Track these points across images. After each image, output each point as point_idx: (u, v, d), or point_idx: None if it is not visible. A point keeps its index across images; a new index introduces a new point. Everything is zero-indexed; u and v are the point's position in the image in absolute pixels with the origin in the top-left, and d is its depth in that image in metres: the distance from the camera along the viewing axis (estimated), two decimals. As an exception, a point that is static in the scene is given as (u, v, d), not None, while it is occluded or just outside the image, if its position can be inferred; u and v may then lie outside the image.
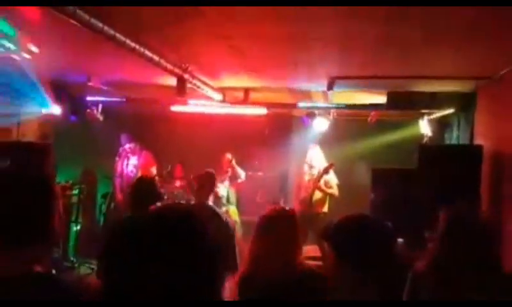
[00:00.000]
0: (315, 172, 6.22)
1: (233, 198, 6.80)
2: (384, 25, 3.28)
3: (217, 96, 6.19)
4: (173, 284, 0.96)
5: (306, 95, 6.24)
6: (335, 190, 6.14)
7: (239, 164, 6.79)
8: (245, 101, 6.34)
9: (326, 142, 6.54)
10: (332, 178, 6.19)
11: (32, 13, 3.17)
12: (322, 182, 6.05)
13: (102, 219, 7.50)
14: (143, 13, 3.26)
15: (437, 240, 2.19)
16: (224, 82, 5.86)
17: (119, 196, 6.98)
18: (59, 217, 1.41)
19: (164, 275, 0.95)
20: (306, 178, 6.26)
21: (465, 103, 5.47)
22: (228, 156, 6.68)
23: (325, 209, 6.07)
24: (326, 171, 5.98)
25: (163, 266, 0.95)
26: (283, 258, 2.35)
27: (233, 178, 6.72)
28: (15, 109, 6.22)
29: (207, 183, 4.23)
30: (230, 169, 6.65)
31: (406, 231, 4.68)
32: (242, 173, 6.77)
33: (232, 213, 6.43)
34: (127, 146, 6.98)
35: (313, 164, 6.24)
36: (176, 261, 0.97)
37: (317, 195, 6.07)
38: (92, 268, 6.15)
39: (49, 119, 6.78)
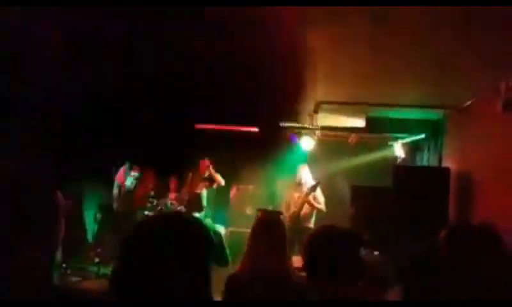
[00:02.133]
0: (305, 189, 6.32)
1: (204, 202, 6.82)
2: (366, 56, 3.46)
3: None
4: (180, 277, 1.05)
5: (295, 116, 6.37)
6: (322, 206, 6.25)
7: (231, 176, 6.83)
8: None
9: (311, 160, 6.67)
10: (319, 195, 6.31)
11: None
12: (311, 197, 6.17)
13: (96, 228, 7.23)
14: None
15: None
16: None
17: (115, 205, 6.85)
18: (61, 222, 1.29)
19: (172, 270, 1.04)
20: (296, 194, 6.36)
21: (435, 129, 5.68)
22: (207, 160, 6.74)
23: (311, 224, 6.14)
24: (313, 189, 6.08)
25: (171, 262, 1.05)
26: (280, 258, 2.37)
27: (211, 182, 6.76)
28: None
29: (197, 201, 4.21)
30: (207, 172, 6.68)
31: (381, 243, 4.81)
32: (222, 180, 6.82)
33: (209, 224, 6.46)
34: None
35: (302, 181, 6.34)
36: (180, 257, 1.07)
37: (305, 209, 6.16)
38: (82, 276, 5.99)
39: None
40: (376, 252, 4.93)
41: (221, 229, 6.74)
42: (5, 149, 3.13)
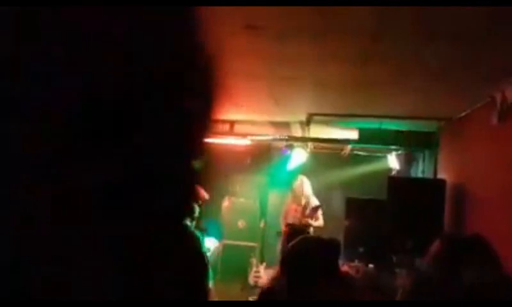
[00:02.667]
0: (303, 201, 6.22)
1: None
2: (357, 67, 3.39)
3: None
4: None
5: (286, 128, 6.31)
6: (320, 222, 6.16)
7: (223, 189, 6.77)
8: (230, 132, 6.36)
9: (303, 173, 6.58)
10: (319, 214, 6.22)
11: None
12: (308, 212, 6.10)
13: None
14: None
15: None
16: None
17: None
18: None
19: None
20: (293, 206, 6.27)
21: (429, 140, 5.61)
22: None
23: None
24: (314, 211, 6.00)
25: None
26: None
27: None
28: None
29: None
30: None
31: (376, 255, 4.71)
32: (205, 194, 6.72)
33: None
34: None
35: (302, 193, 6.25)
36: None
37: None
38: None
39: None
40: (371, 265, 4.83)
41: (214, 242, 6.60)
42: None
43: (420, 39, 2.71)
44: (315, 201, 6.24)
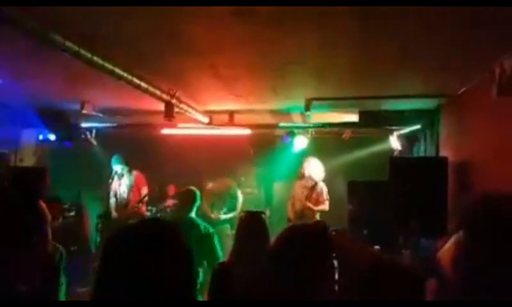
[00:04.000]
0: (309, 183, 6.22)
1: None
2: (356, 50, 3.32)
3: (204, 119, 6.17)
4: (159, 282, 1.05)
5: (286, 116, 6.26)
6: (324, 206, 6.15)
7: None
8: (230, 123, 6.32)
9: (305, 158, 6.54)
10: (324, 194, 6.21)
11: (25, 43, 3.12)
12: (314, 196, 6.11)
13: (98, 238, 7.30)
14: (131, 44, 3.24)
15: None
16: (210, 106, 5.86)
17: (114, 214, 6.86)
18: (48, 240, 1.42)
19: (152, 274, 1.05)
20: (299, 190, 6.26)
21: (430, 119, 5.53)
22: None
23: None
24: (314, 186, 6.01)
25: (150, 267, 1.05)
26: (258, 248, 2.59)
27: None
28: (13, 135, 6.13)
29: (189, 199, 4.39)
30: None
31: (382, 237, 4.67)
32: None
33: None
34: (118, 167, 6.87)
35: (306, 174, 6.25)
36: (160, 263, 1.07)
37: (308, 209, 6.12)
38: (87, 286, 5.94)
39: (45, 145, 6.67)
40: (377, 247, 4.79)
41: (228, 229, 6.60)
42: None
43: (418, 17, 2.63)
44: (322, 184, 6.22)
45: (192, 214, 4.34)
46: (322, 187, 6.29)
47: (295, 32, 2.93)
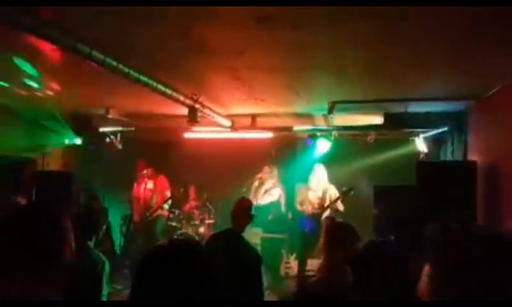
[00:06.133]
0: (320, 189, 6.21)
1: None
2: (379, 50, 3.25)
3: (226, 123, 6.17)
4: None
5: (309, 118, 6.20)
6: (341, 206, 6.15)
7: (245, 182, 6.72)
8: (252, 126, 6.31)
9: (328, 161, 6.47)
10: (333, 194, 6.16)
11: (53, 53, 3.18)
12: (327, 198, 6.10)
13: (122, 240, 7.42)
14: (155, 51, 3.26)
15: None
16: (232, 109, 5.85)
17: (136, 217, 6.94)
18: (70, 248, 1.41)
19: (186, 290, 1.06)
20: (311, 194, 6.25)
21: (457, 121, 5.38)
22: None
23: None
24: (345, 194, 5.99)
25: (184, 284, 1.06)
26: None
27: None
28: (40, 141, 6.26)
29: (244, 214, 3.48)
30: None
31: (407, 242, 4.56)
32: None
33: None
34: (144, 171, 6.95)
35: (318, 181, 6.25)
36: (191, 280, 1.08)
37: (326, 213, 6.10)
38: (114, 288, 6.03)
39: (71, 149, 6.80)
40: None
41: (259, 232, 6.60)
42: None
43: (444, 15, 2.55)
44: (333, 190, 6.17)
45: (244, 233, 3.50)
46: (334, 191, 6.26)
47: (315, 35, 2.88)
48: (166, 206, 6.89)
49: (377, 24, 2.69)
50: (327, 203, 6.11)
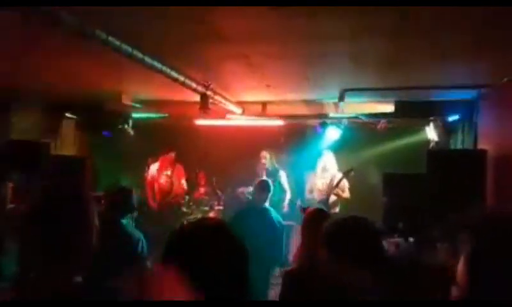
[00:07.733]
0: (328, 176, 6.28)
1: None
2: (392, 39, 3.25)
3: (237, 110, 6.22)
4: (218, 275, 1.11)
5: (319, 106, 6.22)
6: (347, 194, 6.21)
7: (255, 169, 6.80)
8: (263, 113, 6.35)
9: (338, 149, 6.51)
10: (345, 182, 6.23)
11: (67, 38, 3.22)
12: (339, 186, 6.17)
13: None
14: (168, 38, 3.31)
15: None
16: (243, 96, 5.89)
17: (152, 203, 7.04)
18: (93, 230, 1.40)
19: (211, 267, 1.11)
20: (319, 182, 6.33)
21: (468, 110, 5.36)
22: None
23: (337, 210, 6.17)
24: (345, 175, 6.08)
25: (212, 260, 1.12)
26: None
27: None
28: (53, 125, 6.36)
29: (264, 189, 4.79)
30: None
31: (417, 230, 4.60)
32: None
33: None
34: (167, 156, 7.07)
35: (326, 168, 6.33)
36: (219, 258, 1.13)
37: (332, 198, 6.16)
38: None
39: (84, 135, 6.91)
40: (411, 239, 4.73)
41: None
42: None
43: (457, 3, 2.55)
44: (339, 176, 6.23)
45: (267, 204, 4.76)
46: (338, 175, 6.30)
47: (328, 21, 2.90)
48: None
49: (390, 12, 2.70)
50: (338, 192, 6.19)
